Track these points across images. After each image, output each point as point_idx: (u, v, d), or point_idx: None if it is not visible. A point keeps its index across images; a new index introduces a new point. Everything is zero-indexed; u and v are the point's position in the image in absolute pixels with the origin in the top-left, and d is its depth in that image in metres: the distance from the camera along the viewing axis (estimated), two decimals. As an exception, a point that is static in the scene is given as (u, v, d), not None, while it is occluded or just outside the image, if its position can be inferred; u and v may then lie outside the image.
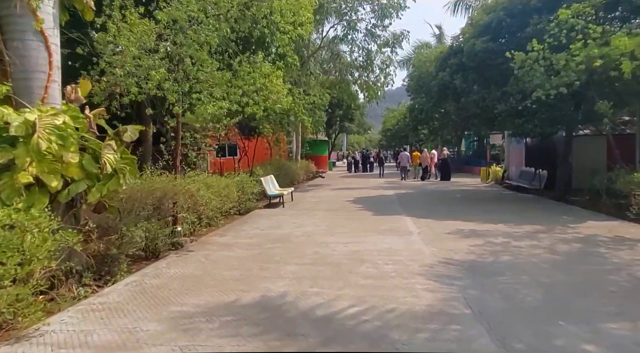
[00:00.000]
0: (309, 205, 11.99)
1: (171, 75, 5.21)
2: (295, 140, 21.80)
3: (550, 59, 9.13)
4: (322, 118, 16.97)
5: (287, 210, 11.12)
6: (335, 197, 14.03)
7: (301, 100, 15.59)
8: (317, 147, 30.29)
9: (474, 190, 15.62)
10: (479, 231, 7.55)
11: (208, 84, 6.06)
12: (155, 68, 5.15)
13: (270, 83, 8.31)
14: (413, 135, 32.92)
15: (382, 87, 19.80)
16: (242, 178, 11.35)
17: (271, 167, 16.75)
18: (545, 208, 10.58)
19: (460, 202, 12.31)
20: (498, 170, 18.52)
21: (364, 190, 16.50)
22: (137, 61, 5.19)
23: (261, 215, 10.33)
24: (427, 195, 14.30)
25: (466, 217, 9.18)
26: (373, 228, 8.09)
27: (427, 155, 23.11)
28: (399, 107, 46.43)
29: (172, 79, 5.23)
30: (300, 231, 8.04)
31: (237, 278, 5.06)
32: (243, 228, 8.61)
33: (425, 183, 19.18)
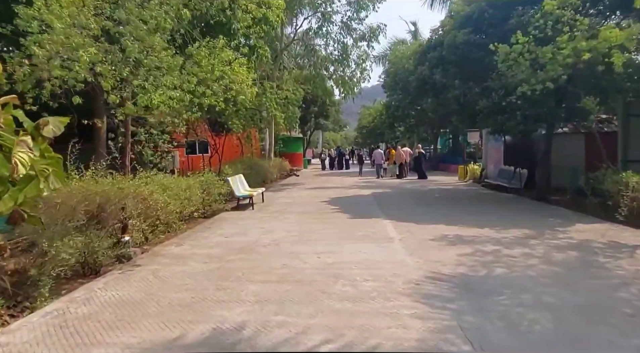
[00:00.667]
0: (281, 207, 11.14)
1: (107, 57, 4.26)
2: (268, 137, 20.84)
3: (536, 52, 8.61)
4: (295, 114, 16.13)
5: (257, 213, 10.23)
6: (309, 198, 13.22)
7: (273, 95, 14.69)
8: (292, 145, 29.40)
9: (453, 190, 15.15)
10: (465, 237, 6.91)
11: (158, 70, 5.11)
12: (85, 47, 4.18)
13: (232, 71, 7.35)
14: (389, 132, 32.49)
15: (358, 83, 19.11)
16: (207, 178, 10.38)
17: (242, 165, 15.79)
18: (528, 209, 10.12)
19: (440, 202, 11.73)
20: (476, 169, 18.18)
21: (340, 189, 15.77)
22: (62, 39, 4.21)
23: (227, 219, 9.40)
24: (405, 195, 13.70)
25: (449, 220, 8.55)
26: (350, 235, 7.32)
27: (401, 153, 22.65)
28: (374, 104, 46.06)
29: (108, 62, 4.28)
30: (269, 238, 7.18)
31: (187, 303, 4.17)
32: (205, 235, 7.67)
33: (402, 182, 18.64)
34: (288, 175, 24.06)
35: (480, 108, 10.43)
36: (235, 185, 10.96)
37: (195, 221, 9.29)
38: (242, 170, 15.08)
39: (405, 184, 17.56)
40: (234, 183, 11.00)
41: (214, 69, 6.31)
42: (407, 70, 24.52)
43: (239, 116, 14.33)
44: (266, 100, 14.12)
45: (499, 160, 16.26)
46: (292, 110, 15.91)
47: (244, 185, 11.82)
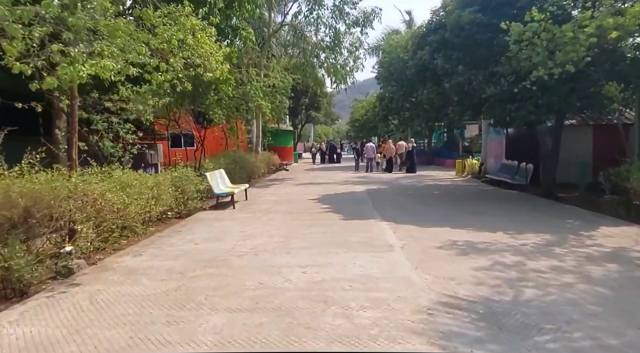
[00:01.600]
0: (266, 206, 10.02)
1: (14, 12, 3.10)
2: (255, 129, 19.63)
3: (554, 31, 7.56)
4: (283, 103, 14.97)
5: (238, 213, 9.11)
6: (297, 195, 12.12)
7: (259, 83, 13.49)
8: (281, 138, 28.18)
9: (452, 186, 14.15)
10: (477, 244, 5.87)
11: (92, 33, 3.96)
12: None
13: (196, 42, 6.11)
14: (383, 125, 31.44)
15: (351, 72, 17.96)
16: (182, 174, 9.23)
17: (225, 159, 14.63)
18: (538, 208, 9.14)
19: (441, 200, 10.71)
20: (474, 164, 17.22)
21: (331, 185, 14.68)
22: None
23: (203, 221, 8.27)
24: (401, 191, 12.66)
25: (454, 221, 7.53)
26: (342, 240, 6.25)
27: (390, 147, 21.71)
28: (367, 97, 44.94)
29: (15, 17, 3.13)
30: (247, 245, 6.08)
31: (118, 348, 3.06)
32: (172, 240, 6.54)
33: (396, 177, 17.60)
34: (277, 170, 22.91)
35: (487, 96, 9.39)
36: (214, 182, 9.81)
37: (167, 222, 8.17)
38: (225, 164, 13.93)
39: (400, 180, 16.53)
40: (213, 180, 9.84)
41: (171, 38, 5.15)
42: (402, 60, 23.46)
43: (222, 106, 13.16)
44: (251, 89, 12.93)
45: (499, 155, 15.31)
46: (280, 99, 14.73)
47: (224, 182, 10.67)
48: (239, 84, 13.47)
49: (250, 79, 13.13)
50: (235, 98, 13.61)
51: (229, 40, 11.75)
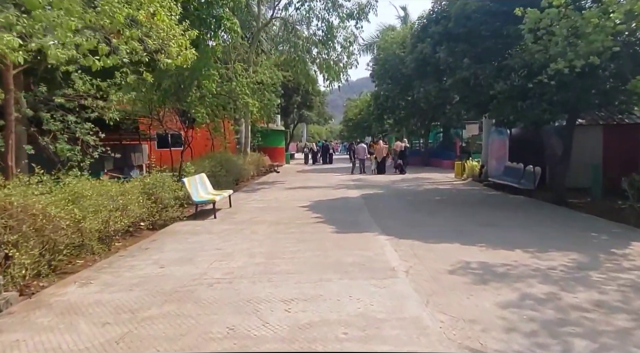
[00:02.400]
0: (251, 215, 9.03)
1: None
2: (244, 129, 18.61)
3: (575, 18, 6.66)
4: (272, 101, 13.96)
5: (218, 224, 8.10)
6: (287, 201, 11.13)
7: (245, 79, 12.48)
8: (272, 138, 27.14)
9: (454, 190, 13.24)
10: (495, 267, 4.94)
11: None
12: None
13: (150, 19, 5.04)
14: (377, 125, 30.53)
15: (344, 68, 16.99)
16: (156, 180, 8.21)
17: (210, 162, 13.61)
18: (553, 217, 8.24)
19: (443, 207, 9.77)
20: (475, 166, 16.35)
21: (324, 189, 13.72)
22: None
23: (177, 234, 7.25)
24: (399, 197, 11.73)
25: (463, 235, 6.61)
26: (335, 262, 5.29)
27: (382, 147, 20.85)
28: (361, 96, 44.04)
29: None
30: (223, 269, 5.09)
31: None
32: (134, 262, 5.52)
33: (392, 180, 16.68)
34: (268, 172, 21.90)
35: (495, 92, 8.48)
36: (192, 188, 8.80)
37: (139, 235, 7.21)
38: (209, 167, 12.93)
39: (396, 183, 15.61)
40: (192, 186, 8.83)
41: (116, 14, 4.14)
42: (398, 57, 22.60)
43: (205, 104, 12.15)
44: (237, 85, 11.92)
45: (502, 156, 14.45)
46: (269, 97, 13.71)
47: (205, 188, 9.65)
48: (225, 80, 12.46)
49: (236, 74, 12.12)
50: (220, 96, 12.61)
51: (212, 32, 10.72)
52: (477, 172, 16.19)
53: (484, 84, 8.75)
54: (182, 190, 8.77)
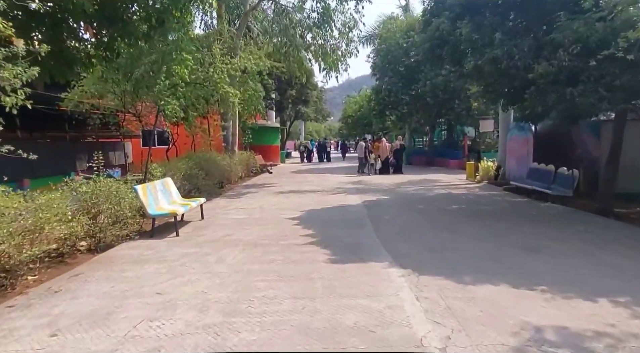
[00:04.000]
0: (224, 231, 7.12)
1: None
2: (231, 125, 16.67)
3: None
4: (258, 92, 12.04)
5: (177, 246, 6.18)
6: (274, 211, 9.23)
7: (225, 65, 10.56)
8: (266, 135, 25.20)
9: (471, 196, 11.33)
10: (589, 340, 3.05)
11: None
12: None
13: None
14: (378, 122, 28.61)
15: (343, 57, 15.09)
16: (97, 188, 6.32)
17: (188, 163, 11.72)
18: (617, 237, 6.33)
19: (465, 220, 7.87)
20: (490, 166, 14.47)
21: (319, 194, 11.82)
22: None
23: (113, 264, 5.33)
24: (408, 205, 9.83)
25: (509, 269, 4.74)
26: (327, 326, 3.39)
27: (386, 146, 19.00)
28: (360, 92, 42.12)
29: None
30: (146, 342, 3.20)
31: None
32: (16, 323, 3.61)
33: (395, 183, 14.78)
34: (260, 172, 20.02)
35: (536, 75, 6.57)
36: (149, 198, 6.88)
37: (70, 262, 5.39)
38: (186, 170, 11.05)
39: (402, 186, 13.71)
40: (148, 195, 6.91)
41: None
42: (402, 47, 20.72)
43: (177, 94, 10.26)
44: (214, 72, 10.00)
45: (523, 156, 12.57)
46: (254, 87, 11.78)
47: (169, 196, 7.73)
48: (203, 66, 10.54)
49: (214, 59, 10.19)
50: (197, 85, 10.69)
51: (182, 5, 8.80)
52: (492, 174, 14.33)
53: (520, 65, 6.84)
54: (137, 200, 6.87)
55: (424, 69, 20.48)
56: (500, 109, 11.32)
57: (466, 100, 19.74)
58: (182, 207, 7.20)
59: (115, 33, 7.41)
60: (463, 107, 19.60)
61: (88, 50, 7.61)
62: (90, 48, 7.58)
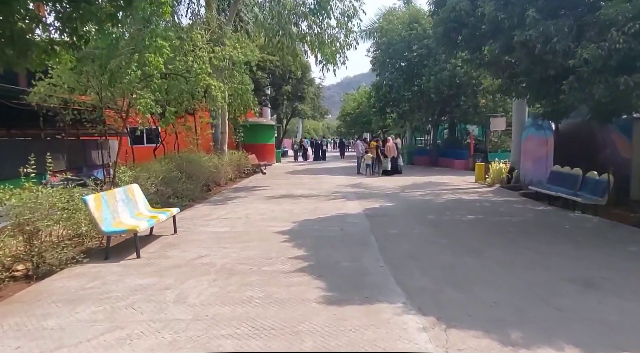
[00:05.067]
0: (196, 251, 5.85)
1: None
2: (220, 123, 15.39)
3: None
4: (246, 85, 10.74)
5: (132, 274, 4.89)
6: (261, 222, 7.96)
7: (207, 54, 9.27)
8: (260, 134, 23.92)
9: (485, 203, 10.06)
10: None
11: None
12: None
13: None
14: (378, 119, 27.30)
15: (342, 49, 13.79)
16: (30, 199, 5.06)
17: (167, 165, 10.47)
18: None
19: (487, 236, 6.61)
20: (503, 169, 13.22)
21: (315, 200, 10.56)
22: None
23: (38, 305, 4.03)
24: (417, 215, 8.58)
25: (568, 317, 3.49)
26: None
27: (393, 145, 17.79)
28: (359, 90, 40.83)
29: None
30: None
31: None
32: None
33: (399, 186, 13.53)
34: (253, 173, 18.73)
35: (580, 62, 5.31)
36: (102, 212, 5.59)
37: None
38: (164, 173, 9.80)
39: (407, 191, 12.46)
40: (103, 207, 5.62)
41: None
42: (404, 40, 19.45)
43: (152, 87, 9.00)
44: (194, 61, 8.71)
45: (541, 158, 11.32)
46: (241, 79, 10.48)
47: (134, 206, 6.44)
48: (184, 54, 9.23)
49: (194, 46, 8.89)
50: (176, 77, 9.40)
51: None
52: (504, 177, 13.09)
53: (558, 49, 5.58)
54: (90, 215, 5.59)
55: (428, 63, 19.25)
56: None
57: (473, 97, 18.48)
58: (146, 222, 5.91)
59: (74, 13, 6.16)
60: (470, 103, 18.33)
61: (47, 35, 6.43)
62: (53, 32, 6.40)
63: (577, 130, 10.52)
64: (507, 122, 14.78)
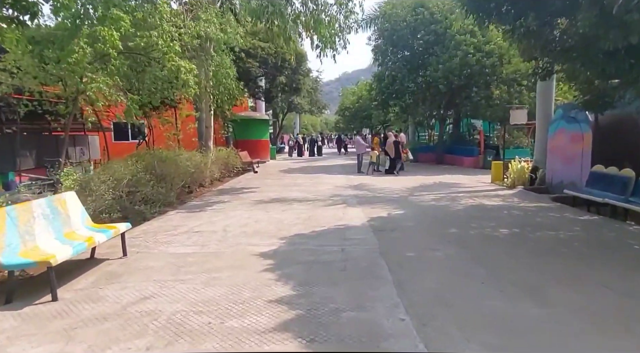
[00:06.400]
0: (139, 291, 4.19)
1: None
2: (205, 116, 13.71)
3: None
4: (226, 68, 9.01)
5: (23, 339, 3.24)
6: (241, 237, 6.30)
7: (175, 29, 7.58)
8: (253, 129, 22.20)
9: (514, 211, 8.41)
10: None
11: None
12: None
13: None
14: (380, 113, 25.62)
15: (341, 32, 12.07)
16: None
17: (136, 164, 8.83)
18: None
19: (545, 266, 4.96)
20: (525, 168, 11.60)
21: (310, 206, 8.92)
22: None
23: None
24: (435, 229, 6.94)
25: None
26: None
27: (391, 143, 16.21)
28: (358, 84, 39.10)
29: None
30: None
31: None
32: None
33: (406, 187, 11.90)
34: (242, 172, 17.02)
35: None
36: (5, 235, 3.93)
37: None
38: (130, 174, 8.14)
39: (416, 194, 10.83)
40: (3, 229, 3.96)
41: None
42: (409, 25, 17.75)
43: (108, 70, 7.33)
44: (158, 38, 7.03)
45: (575, 156, 9.68)
46: (223, 61, 8.76)
47: (61, 224, 4.77)
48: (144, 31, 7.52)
49: (160, 19, 7.18)
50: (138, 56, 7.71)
51: None
52: (527, 178, 11.46)
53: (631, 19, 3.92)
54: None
55: (436, 51, 17.57)
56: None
57: (485, 88, 16.81)
58: (70, 248, 4.24)
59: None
60: (482, 95, 16.67)
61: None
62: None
63: (619, 123, 8.91)
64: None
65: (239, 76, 13.18)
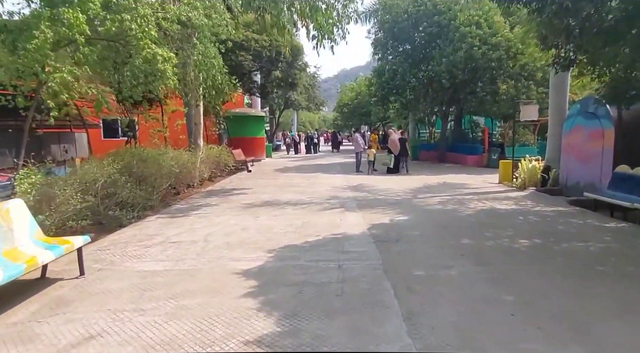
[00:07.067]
0: (87, 325, 3.37)
1: None
2: (194, 112, 12.87)
3: None
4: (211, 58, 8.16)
5: None
6: (223, 249, 5.49)
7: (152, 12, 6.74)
8: (248, 126, 21.35)
9: (530, 216, 7.59)
10: None
11: None
12: None
13: None
14: (380, 110, 24.79)
15: (339, 22, 11.24)
16: None
17: (116, 162, 8.01)
18: None
19: (575, 285, 4.17)
20: (536, 168, 10.81)
21: (305, 210, 8.11)
22: None
23: None
24: (445, 239, 6.14)
25: None
26: None
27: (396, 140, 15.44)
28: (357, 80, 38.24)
29: None
30: None
31: None
32: None
33: (409, 189, 11.11)
34: (234, 171, 16.17)
35: None
36: None
37: None
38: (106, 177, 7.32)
39: (420, 196, 10.03)
40: None
41: None
42: (411, 18, 16.90)
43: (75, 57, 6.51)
44: (132, 21, 6.19)
45: (594, 155, 8.88)
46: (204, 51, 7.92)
47: (8, 239, 3.96)
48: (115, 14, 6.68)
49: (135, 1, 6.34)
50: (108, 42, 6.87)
51: None
52: (539, 178, 10.68)
53: None
54: None
55: (439, 44, 16.74)
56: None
57: (490, 82, 16.00)
58: (1, 273, 3.41)
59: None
60: (488, 90, 15.86)
61: None
62: None
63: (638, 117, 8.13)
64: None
65: (231, 70, 12.33)
